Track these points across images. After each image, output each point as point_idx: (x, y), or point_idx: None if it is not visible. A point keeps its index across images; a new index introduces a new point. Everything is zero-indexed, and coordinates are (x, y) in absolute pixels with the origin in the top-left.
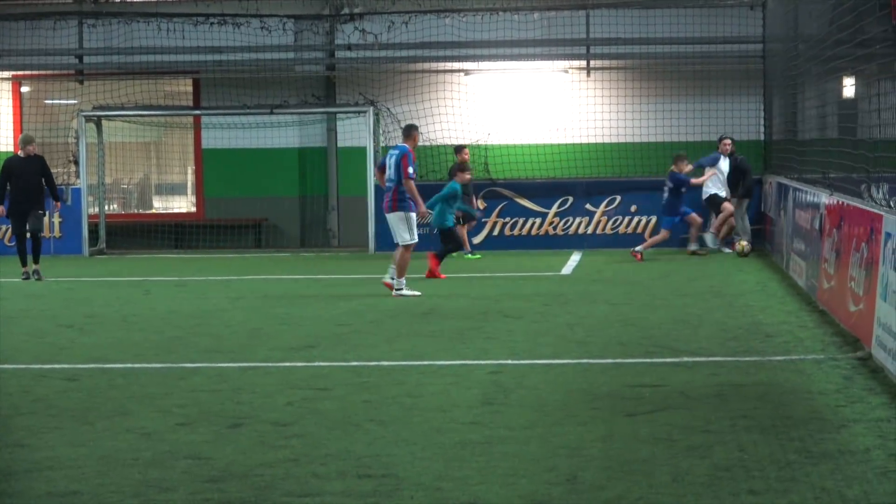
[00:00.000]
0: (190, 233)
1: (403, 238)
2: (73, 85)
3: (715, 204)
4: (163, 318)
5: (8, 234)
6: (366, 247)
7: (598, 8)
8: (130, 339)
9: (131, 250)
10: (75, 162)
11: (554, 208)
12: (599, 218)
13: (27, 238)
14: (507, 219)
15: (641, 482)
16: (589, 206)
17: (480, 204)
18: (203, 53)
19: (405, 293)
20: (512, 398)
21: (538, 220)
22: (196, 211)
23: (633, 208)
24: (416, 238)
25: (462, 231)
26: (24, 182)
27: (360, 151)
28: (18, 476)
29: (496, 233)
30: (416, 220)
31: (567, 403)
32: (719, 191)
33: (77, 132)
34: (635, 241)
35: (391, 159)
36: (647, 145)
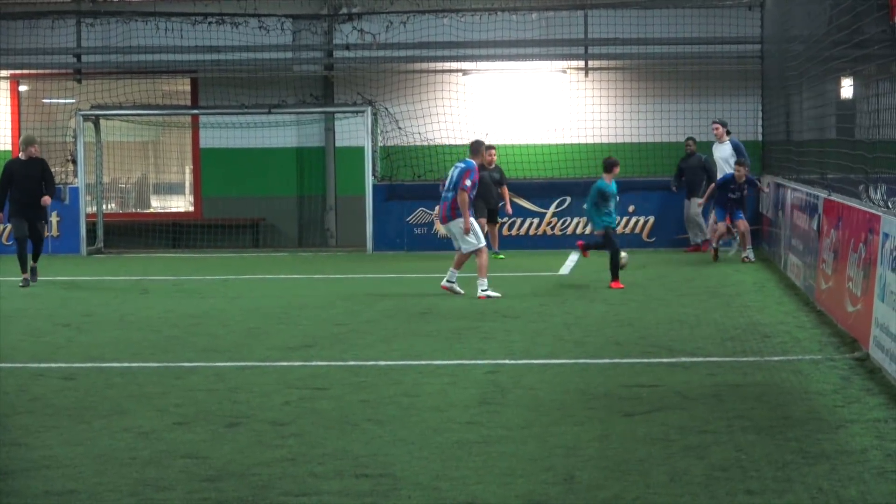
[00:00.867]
0: (188, 232)
1: (469, 244)
2: (72, 84)
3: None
4: (160, 317)
5: (6, 231)
6: (363, 246)
7: (596, 8)
8: (128, 339)
9: (129, 249)
10: (73, 161)
11: (552, 208)
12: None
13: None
14: (505, 219)
15: (638, 482)
16: (587, 207)
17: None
18: (201, 53)
19: (490, 294)
20: (509, 398)
21: (536, 220)
22: (194, 210)
23: (631, 209)
24: (483, 241)
25: (493, 230)
26: (26, 186)
27: (358, 151)
28: (15, 475)
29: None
30: (476, 224)
31: (564, 403)
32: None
33: (75, 131)
34: (632, 241)
35: (455, 171)
36: (644, 145)
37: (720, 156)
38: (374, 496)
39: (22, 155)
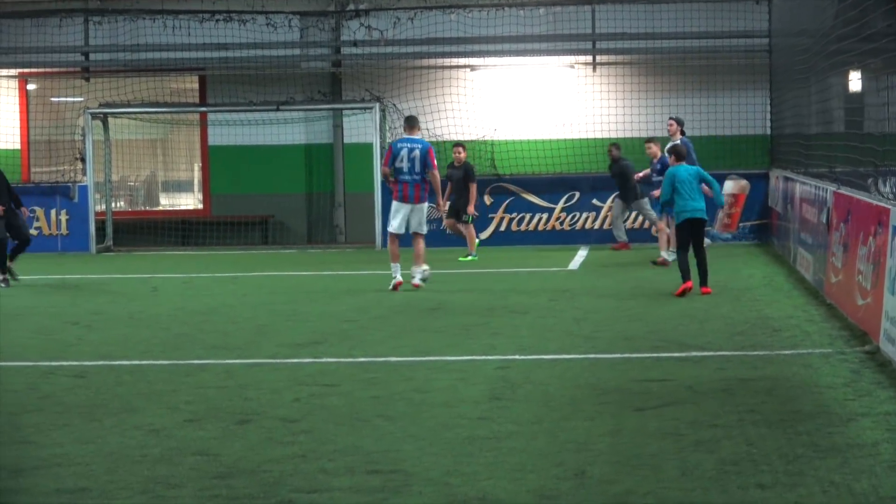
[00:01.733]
0: (197, 229)
1: (424, 228)
2: (80, 82)
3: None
4: (169, 314)
5: None
6: (372, 242)
7: (604, 3)
8: (138, 336)
9: (138, 247)
10: (82, 159)
11: (560, 203)
12: (606, 213)
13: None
14: (514, 214)
15: (650, 477)
16: (595, 202)
17: (487, 199)
18: (209, 50)
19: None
20: (519, 393)
21: (545, 216)
22: (203, 208)
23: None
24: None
25: (468, 230)
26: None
27: (367, 148)
28: (26, 473)
29: (503, 228)
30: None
31: (575, 398)
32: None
33: (83, 130)
34: (642, 235)
35: (411, 153)
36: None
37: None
38: (385, 492)
39: None
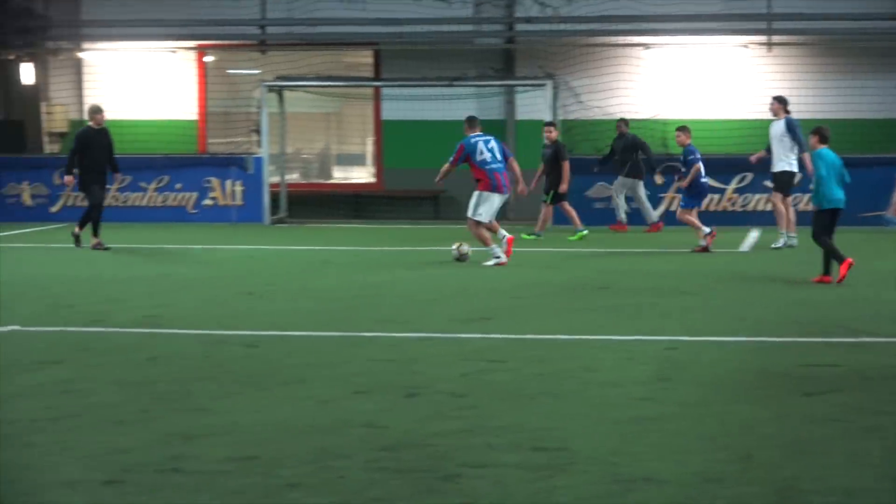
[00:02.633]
0: (369, 203)
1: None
2: (256, 55)
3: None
4: (340, 286)
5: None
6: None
7: None
8: (308, 308)
9: (311, 219)
10: (257, 131)
11: (733, 184)
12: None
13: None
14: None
15: (816, 462)
16: (767, 183)
17: (658, 179)
18: (383, 25)
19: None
20: (686, 375)
21: (716, 197)
22: (376, 181)
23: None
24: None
25: (547, 211)
26: (99, 153)
27: (538, 125)
28: (198, 440)
29: (673, 207)
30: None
31: (741, 381)
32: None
33: (259, 102)
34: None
35: (488, 144)
36: (829, 122)
37: (772, 133)
38: (550, 469)
39: (93, 124)
